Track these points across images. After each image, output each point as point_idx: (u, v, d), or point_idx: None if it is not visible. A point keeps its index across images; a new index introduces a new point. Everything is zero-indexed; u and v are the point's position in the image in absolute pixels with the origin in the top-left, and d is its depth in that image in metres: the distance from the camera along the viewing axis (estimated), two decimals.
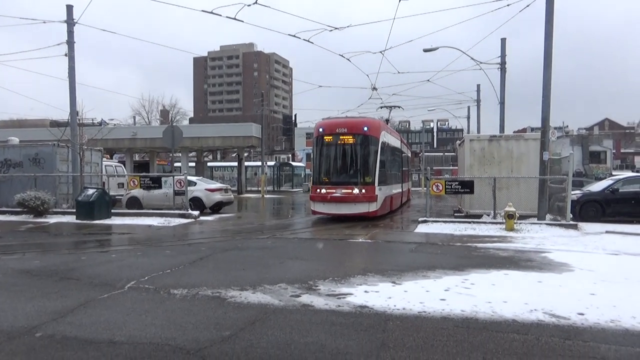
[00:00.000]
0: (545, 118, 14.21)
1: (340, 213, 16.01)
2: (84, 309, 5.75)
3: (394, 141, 20.40)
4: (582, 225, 13.66)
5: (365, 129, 16.25)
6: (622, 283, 7.03)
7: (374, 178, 15.95)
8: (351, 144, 16.23)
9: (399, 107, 26.94)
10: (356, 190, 15.74)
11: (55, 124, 34.68)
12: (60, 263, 8.82)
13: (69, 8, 18.35)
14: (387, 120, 27.82)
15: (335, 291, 6.50)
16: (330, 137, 16.42)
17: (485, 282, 7.06)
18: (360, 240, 12.01)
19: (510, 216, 13.16)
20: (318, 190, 16.26)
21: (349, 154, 16.31)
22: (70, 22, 18.26)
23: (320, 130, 16.80)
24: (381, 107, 26.95)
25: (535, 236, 12.24)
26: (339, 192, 15.81)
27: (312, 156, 18.19)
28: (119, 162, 33.50)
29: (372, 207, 15.88)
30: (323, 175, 16.43)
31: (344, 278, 7.28)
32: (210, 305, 5.88)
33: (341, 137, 16.26)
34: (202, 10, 15.92)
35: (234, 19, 15.43)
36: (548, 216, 14.57)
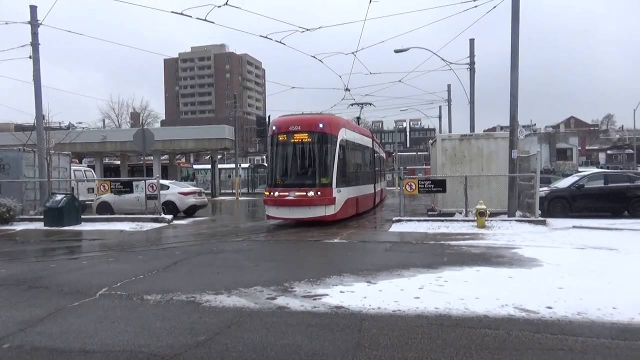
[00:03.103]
0: (513, 117, 14.56)
1: (293, 217, 15.04)
2: (53, 318, 5.62)
3: (361, 139, 19.42)
4: (550, 220, 14.04)
5: (321, 126, 15.16)
6: (588, 276, 7.26)
7: (331, 179, 14.89)
8: (306, 143, 15.17)
9: (370, 104, 26.38)
10: (311, 193, 14.61)
11: (20, 128, 33.61)
12: (28, 271, 8.57)
13: (33, 9, 17.84)
14: (359, 118, 27.55)
15: (311, 292, 6.52)
16: (284, 136, 15.37)
17: (458, 279, 7.20)
18: (335, 240, 12.05)
19: (481, 214, 13.42)
20: (272, 193, 15.24)
21: (303, 154, 15.25)
22: (34, 23, 17.76)
23: (274, 128, 15.76)
24: (352, 105, 26.64)
25: (506, 232, 12.53)
26: (292, 195, 14.71)
27: (267, 157, 17.29)
28: (88, 166, 32.75)
29: (330, 211, 14.79)
30: (277, 177, 15.41)
31: (319, 279, 7.31)
32: (185, 310, 5.82)
33: (295, 135, 15.20)
34: (172, 12, 15.73)
35: (205, 20, 15.30)
36: (518, 213, 14.94)
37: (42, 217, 16.31)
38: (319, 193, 14.67)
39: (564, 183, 17.74)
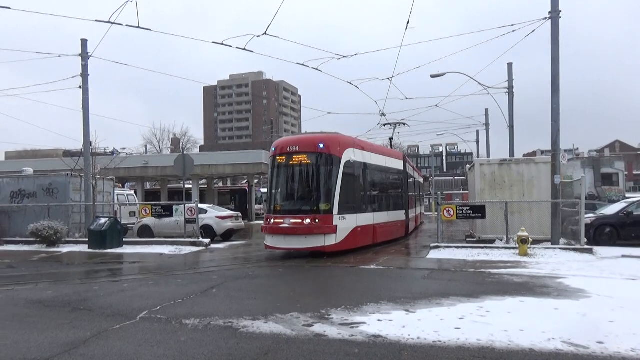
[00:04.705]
0: (555, 142, 14.16)
1: (288, 247, 13.77)
2: (96, 340, 5.74)
3: (383, 161, 17.62)
4: (597, 249, 13.44)
5: (321, 146, 13.84)
6: None
7: (332, 205, 13.48)
8: (304, 165, 13.94)
9: (403, 124, 25.37)
10: (308, 220, 13.23)
11: (68, 153, 35.20)
12: (72, 293, 8.84)
13: (84, 42, 18.88)
14: (391, 140, 26.84)
15: (348, 320, 6.43)
16: (283, 158, 14.19)
17: (501, 309, 6.95)
18: (372, 267, 11.90)
19: (523, 241, 13.00)
20: (269, 220, 14.00)
21: (302, 177, 14.09)
22: (84, 55, 18.76)
23: (273, 149, 14.64)
24: (385, 125, 25.12)
25: (550, 261, 12.06)
26: (287, 223, 13.37)
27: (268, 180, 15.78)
28: (130, 190, 33.82)
29: (330, 241, 13.36)
30: (275, 203, 14.24)
31: (356, 306, 7.21)
32: (222, 336, 5.84)
33: (294, 157, 14.01)
34: (213, 42, 16.30)
35: (244, 49, 15.75)
36: (562, 240, 14.37)
37: (87, 239, 16.88)
38: (316, 221, 13.26)
39: (611, 209, 17.01)
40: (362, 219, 14.94)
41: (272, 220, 13.81)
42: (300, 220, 13.31)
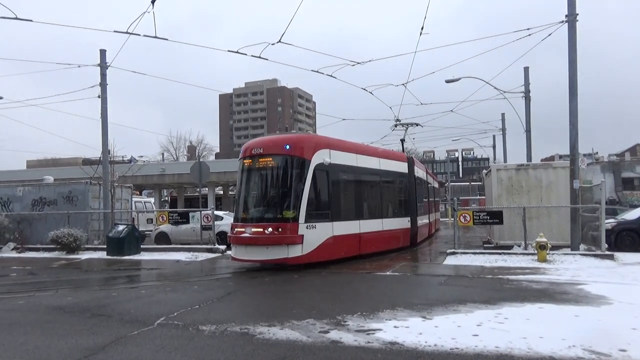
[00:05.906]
0: (573, 146, 13.98)
1: (250, 259, 12.71)
2: (115, 346, 5.81)
3: (376, 163, 16.14)
4: (618, 255, 13.18)
5: (287, 147, 12.76)
6: None
7: (298, 213, 12.23)
8: (269, 169, 12.94)
9: (416, 124, 24.28)
10: (269, 230, 12.09)
11: (87, 162, 35.86)
12: (91, 299, 8.96)
13: (102, 52, 19.24)
14: (403, 141, 26.28)
15: (364, 327, 6.40)
16: (249, 161, 13.19)
17: (520, 316, 6.85)
18: (387, 273, 11.84)
19: (542, 247, 12.81)
20: (234, 229, 12.98)
21: (266, 182, 13.12)
22: (103, 65, 19.11)
23: (241, 152, 13.75)
24: (396, 126, 23.95)
25: (570, 267, 11.86)
26: (248, 232, 12.39)
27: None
28: (147, 197, 34.28)
29: (295, 252, 12.09)
30: (240, 210, 13.27)
31: (372, 313, 7.18)
32: (238, 342, 5.86)
33: (259, 160, 12.99)
34: (229, 51, 16.46)
35: (259, 57, 15.87)
36: (582, 246, 14.13)
37: (105, 246, 17.11)
38: (279, 230, 12.08)
39: (633, 214, 16.65)
40: (340, 227, 13.57)
41: (235, 230, 12.94)
42: (262, 230, 12.24)
